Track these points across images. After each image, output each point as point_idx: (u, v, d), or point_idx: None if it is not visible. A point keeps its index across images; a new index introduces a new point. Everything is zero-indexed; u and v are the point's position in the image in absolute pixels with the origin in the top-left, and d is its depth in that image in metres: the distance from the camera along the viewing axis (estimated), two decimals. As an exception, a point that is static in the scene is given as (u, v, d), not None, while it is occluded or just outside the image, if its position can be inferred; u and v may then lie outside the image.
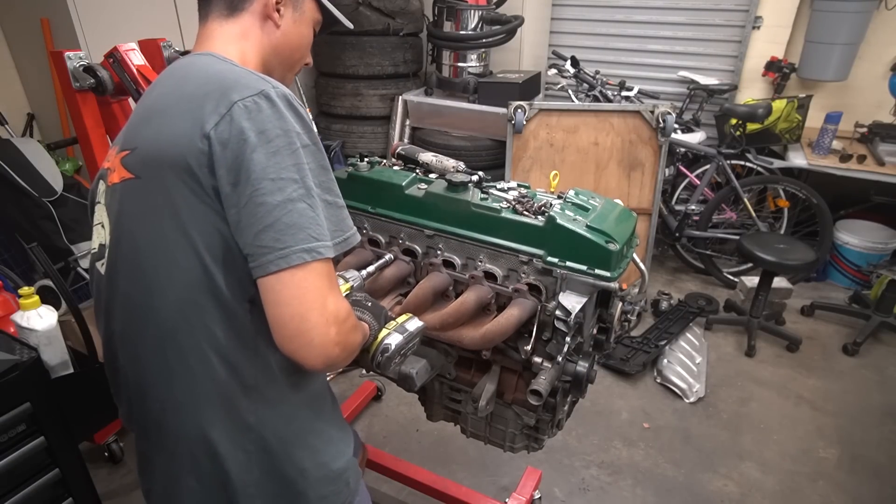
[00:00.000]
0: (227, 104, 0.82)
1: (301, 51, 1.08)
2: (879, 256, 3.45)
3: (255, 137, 0.81)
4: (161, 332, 0.89)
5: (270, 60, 1.03)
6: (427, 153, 1.50)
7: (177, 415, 0.92)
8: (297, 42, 1.05)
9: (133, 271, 0.90)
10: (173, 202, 0.84)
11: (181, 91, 0.89)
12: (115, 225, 0.93)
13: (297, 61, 1.09)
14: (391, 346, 1.06)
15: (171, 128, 0.85)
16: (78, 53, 1.77)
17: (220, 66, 0.91)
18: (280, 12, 1.01)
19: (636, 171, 3.13)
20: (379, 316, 1.09)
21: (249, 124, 0.81)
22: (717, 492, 2.22)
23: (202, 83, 0.87)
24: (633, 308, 3.19)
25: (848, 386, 2.79)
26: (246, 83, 0.85)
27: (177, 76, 0.94)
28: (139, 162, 0.89)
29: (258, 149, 0.80)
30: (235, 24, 0.99)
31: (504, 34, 3.61)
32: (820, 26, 3.39)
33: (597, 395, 2.68)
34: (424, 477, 1.94)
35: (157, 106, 0.90)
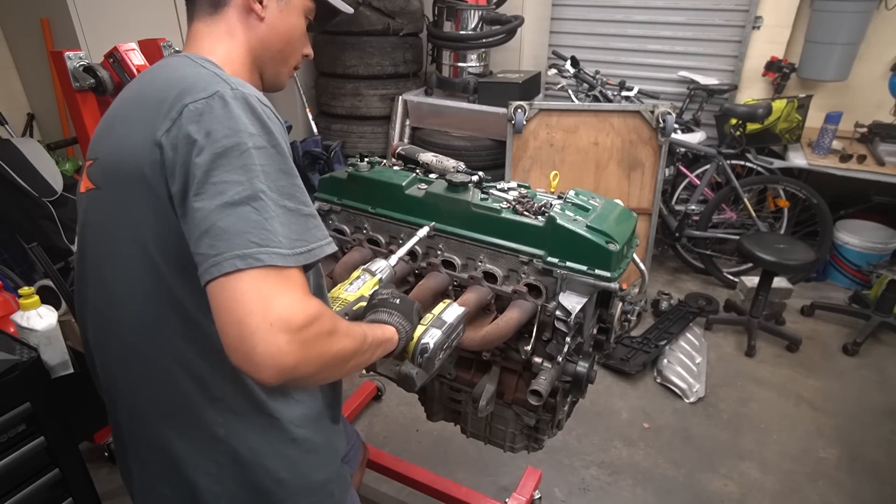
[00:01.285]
0: (179, 108, 0.79)
1: (293, 43, 1.02)
2: (879, 256, 3.45)
3: (202, 139, 0.76)
4: (125, 343, 0.88)
5: (260, 56, 0.99)
6: (427, 153, 1.50)
7: (143, 425, 0.92)
8: (285, 33, 1.00)
9: (97, 283, 0.90)
10: (132, 214, 0.82)
11: (142, 97, 0.86)
12: (81, 235, 0.93)
13: (290, 54, 1.03)
14: (430, 346, 0.99)
15: (129, 137, 0.83)
16: (78, 53, 1.77)
17: (186, 69, 0.87)
18: (263, 3, 0.96)
19: (636, 171, 3.13)
20: (410, 313, 1.00)
21: (197, 127, 0.77)
22: (717, 492, 2.22)
23: (162, 88, 0.84)
24: (633, 308, 3.19)
25: (848, 386, 2.79)
26: (203, 86, 0.81)
27: (144, 80, 0.91)
28: (100, 172, 0.88)
29: (203, 151, 0.76)
30: (220, 21, 0.96)
31: (504, 34, 3.61)
32: (820, 26, 3.39)
33: (597, 395, 2.68)
34: (424, 477, 1.94)
35: (120, 113, 0.89)
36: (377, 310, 1.01)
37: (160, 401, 0.89)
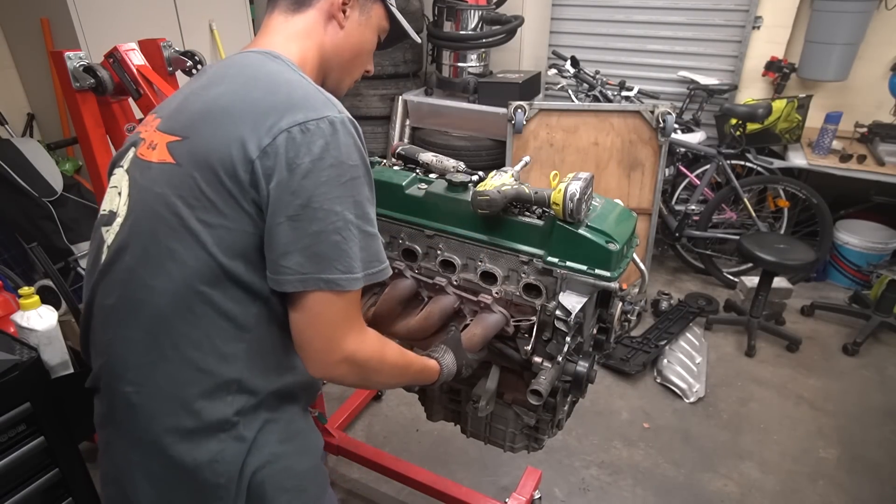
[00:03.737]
0: (289, 122, 0.83)
1: (362, 56, 1.07)
2: (879, 256, 3.45)
3: (308, 163, 0.82)
4: (158, 314, 0.88)
5: (330, 62, 1.02)
6: (427, 153, 1.50)
7: (152, 400, 0.91)
8: (358, 46, 1.05)
9: (146, 251, 0.89)
10: (209, 199, 0.85)
11: (248, 95, 0.88)
12: (140, 202, 0.92)
13: (357, 67, 1.08)
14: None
15: (230, 131, 0.85)
16: (78, 53, 1.77)
17: (290, 75, 0.91)
18: (346, 13, 1.00)
19: (636, 171, 3.13)
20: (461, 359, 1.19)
21: (306, 148, 0.82)
22: (717, 492, 2.22)
23: (270, 91, 0.87)
24: (633, 308, 3.19)
25: (848, 386, 2.79)
26: (313, 104, 0.86)
27: (246, 75, 0.92)
28: (188, 153, 0.88)
29: (309, 175, 0.82)
30: (300, 19, 0.99)
31: (504, 34, 3.61)
32: (820, 26, 3.39)
33: (597, 395, 2.68)
34: (424, 477, 1.94)
35: (221, 103, 0.89)
36: (440, 346, 1.19)
37: (180, 378, 0.89)
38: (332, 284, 0.85)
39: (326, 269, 0.84)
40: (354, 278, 0.86)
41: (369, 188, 0.90)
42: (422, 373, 1.10)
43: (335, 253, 0.85)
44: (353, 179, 0.86)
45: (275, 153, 0.82)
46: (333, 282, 0.85)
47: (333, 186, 0.83)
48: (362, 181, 0.88)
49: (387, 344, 0.99)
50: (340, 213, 0.84)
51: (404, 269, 1.36)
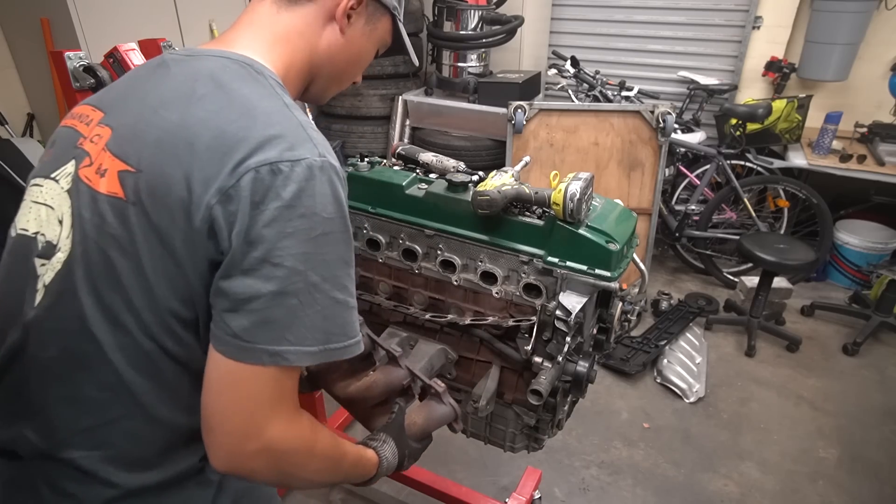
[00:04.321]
0: (259, 161, 0.70)
1: (357, 67, 0.97)
2: (879, 256, 3.45)
3: (273, 209, 0.70)
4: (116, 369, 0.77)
5: (320, 68, 0.91)
6: (427, 153, 1.50)
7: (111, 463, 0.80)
8: (356, 56, 0.94)
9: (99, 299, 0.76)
10: (162, 246, 0.73)
11: (217, 125, 0.74)
12: (91, 240, 0.77)
13: (349, 76, 0.97)
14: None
15: (189, 168, 0.72)
16: (78, 53, 1.77)
17: (270, 102, 0.77)
18: (350, 19, 0.89)
19: (636, 171, 3.13)
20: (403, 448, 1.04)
21: (274, 193, 0.70)
22: (717, 492, 2.22)
23: (243, 123, 0.73)
24: (633, 308, 3.19)
25: (848, 386, 2.79)
26: (291, 143, 0.73)
27: (219, 99, 0.76)
28: (140, 190, 0.74)
29: (272, 224, 0.70)
30: (296, 15, 0.86)
31: (504, 34, 3.61)
32: (820, 26, 3.39)
33: (597, 395, 2.68)
34: (424, 477, 1.94)
35: (184, 133, 0.74)
36: (380, 434, 1.03)
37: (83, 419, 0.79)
38: (277, 358, 0.71)
39: (274, 340, 0.71)
40: (305, 352, 0.73)
41: (346, 247, 0.77)
42: (356, 467, 0.93)
43: (288, 320, 0.71)
44: (326, 235, 0.73)
45: (238, 196, 0.70)
46: (279, 355, 0.71)
47: (300, 241, 0.71)
48: (338, 238, 0.75)
49: (319, 431, 0.82)
50: (303, 274, 0.71)
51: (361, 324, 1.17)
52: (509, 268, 1.31)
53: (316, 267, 0.72)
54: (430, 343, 1.41)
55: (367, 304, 1.51)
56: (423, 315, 1.39)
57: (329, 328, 0.74)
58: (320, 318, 0.73)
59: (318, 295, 0.73)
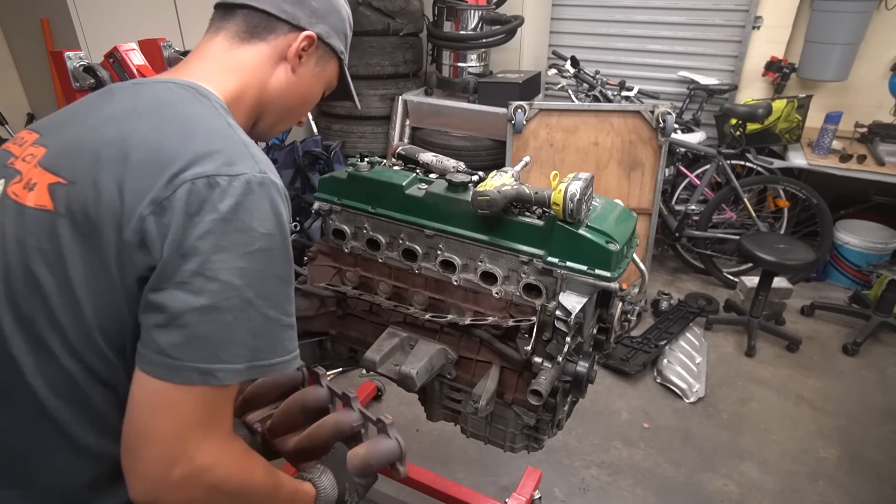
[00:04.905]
0: (195, 174, 0.69)
1: (305, 106, 0.99)
2: (879, 256, 3.45)
3: (209, 222, 0.68)
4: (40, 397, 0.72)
5: (270, 105, 0.92)
6: (427, 153, 1.50)
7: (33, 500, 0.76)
8: (305, 96, 0.97)
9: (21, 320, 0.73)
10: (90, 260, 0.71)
11: (156, 140, 0.73)
12: (13, 256, 0.73)
13: (295, 115, 0.99)
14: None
15: (123, 180, 0.70)
16: (78, 53, 1.77)
17: (213, 121, 0.78)
18: (301, 59, 0.92)
19: (636, 171, 3.13)
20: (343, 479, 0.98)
21: (210, 206, 0.68)
22: (717, 492, 2.22)
23: (183, 138, 0.73)
24: (633, 308, 3.19)
25: (848, 386, 2.79)
26: (230, 157, 0.72)
27: (161, 116, 0.76)
28: (72, 201, 0.71)
29: (207, 237, 0.68)
30: (248, 52, 0.88)
31: (504, 34, 3.61)
32: (820, 26, 3.39)
33: (597, 395, 2.68)
34: (424, 477, 1.94)
35: (122, 146, 0.73)
36: (317, 465, 0.99)
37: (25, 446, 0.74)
38: (208, 377, 0.68)
39: (205, 358, 0.68)
40: (233, 370, 0.70)
41: (284, 265, 0.75)
42: (293, 500, 0.88)
43: (221, 337, 0.68)
44: (264, 252, 0.71)
45: (172, 207, 0.68)
46: (210, 374, 0.68)
47: (236, 255, 0.69)
48: (276, 255, 0.73)
49: (254, 460, 0.78)
50: (238, 289, 0.69)
51: (322, 375, 1.15)
52: (509, 268, 1.31)
53: (252, 283, 0.70)
54: (430, 343, 1.41)
55: (367, 304, 1.51)
56: (423, 315, 1.39)
57: (257, 345, 0.72)
58: (250, 336, 0.71)
59: (252, 312, 0.70)
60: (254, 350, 0.72)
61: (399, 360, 1.37)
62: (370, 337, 1.47)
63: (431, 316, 1.38)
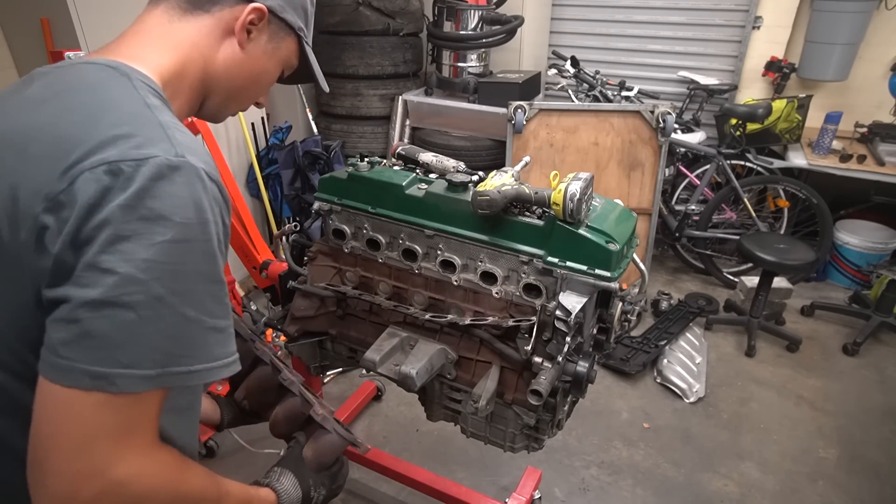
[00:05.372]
0: (96, 162, 0.62)
1: (258, 86, 0.90)
2: (879, 256, 3.45)
3: (108, 211, 0.60)
4: None
5: (216, 83, 0.84)
6: (427, 153, 1.50)
7: None
8: (257, 75, 0.88)
9: None
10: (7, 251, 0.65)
11: (59, 127, 0.66)
12: None
13: (248, 97, 0.90)
14: None
15: (20, 174, 0.64)
16: (78, 53, 1.77)
17: (131, 104, 0.69)
18: (251, 34, 0.83)
19: (636, 171, 3.13)
20: (304, 477, 0.96)
21: (112, 195, 0.61)
22: (717, 492, 2.22)
23: (88, 123, 0.66)
24: (633, 308, 3.19)
25: (848, 386, 2.79)
26: (139, 141, 0.64)
27: (74, 100, 0.69)
28: None
29: (106, 226, 0.60)
30: (190, 25, 0.80)
31: (504, 34, 3.61)
32: (820, 26, 3.39)
33: (597, 395, 2.68)
34: (424, 477, 1.94)
35: (22, 136, 0.67)
36: (274, 469, 0.96)
37: None
38: (101, 382, 0.59)
39: (99, 360, 0.59)
40: (139, 377, 0.61)
41: (206, 259, 0.66)
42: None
43: (121, 337, 0.60)
44: (179, 243, 0.62)
45: (70, 202, 0.61)
46: (105, 378, 0.59)
47: (141, 246, 0.60)
48: (195, 249, 0.64)
49: (188, 469, 0.70)
50: (144, 284, 0.60)
51: (282, 360, 1.14)
52: (509, 268, 1.31)
53: (162, 278, 0.61)
54: (430, 343, 1.41)
55: (367, 304, 1.51)
56: (423, 315, 1.39)
57: (172, 349, 0.63)
58: (163, 338, 0.62)
59: (164, 310, 0.62)
60: (168, 354, 0.63)
61: (399, 360, 1.37)
62: (370, 337, 1.47)
63: (431, 316, 1.38)
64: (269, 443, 1.92)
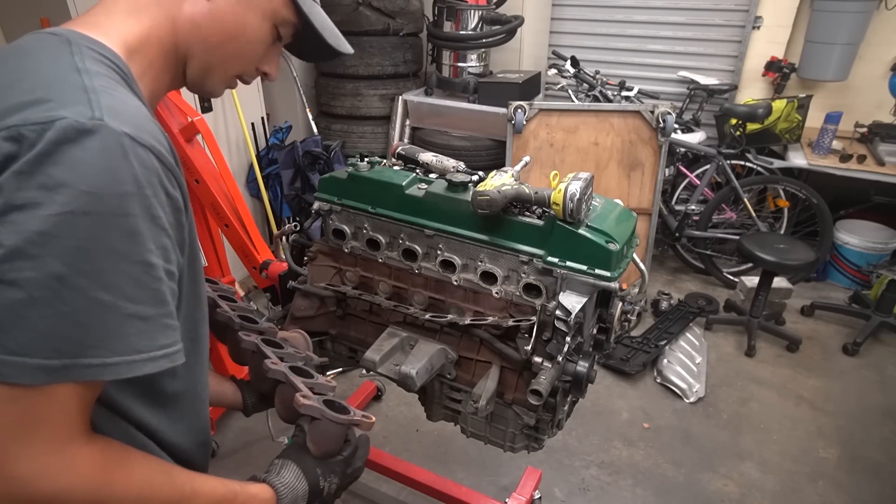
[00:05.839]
0: (2, 126, 0.57)
1: (241, 43, 0.78)
2: (879, 256, 3.45)
3: (3, 178, 0.55)
4: None
5: (187, 43, 0.75)
6: (427, 153, 1.50)
7: None
8: (232, 29, 0.76)
9: None
10: None
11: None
12: None
13: (234, 57, 0.79)
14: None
15: None
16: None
17: (50, 69, 0.63)
18: None
19: (636, 171, 3.13)
20: (312, 468, 0.89)
21: (10, 162, 0.55)
22: (717, 492, 2.22)
23: (7, 84, 0.62)
24: (633, 308, 3.19)
25: (848, 386, 2.79)
26: (52, 105, 0.58)
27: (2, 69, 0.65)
28: None
29: (0, 195, 0.55)
30: None
31: (504, 34, 3.61)
32: (820, 26, 3.39)
33: (597, 395, 2.68)
34: (424, 477, 1.94)
35: None
36: (274, 462, 0.89)
37: None
38: None
39: None
40: (36, 366, 0.54)
41: (124, 236, 0.58)
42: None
43: (6, 319, 0.54)
44: (84, 215, 0.55)
45: None
46: None
47: (35, 217, 0.54)
48: (106, 222, 0.56)
49: (121, 470, 0.63)
50: (36, 260, 0.54)
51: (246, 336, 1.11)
52: (509, 268, 1.31)
53: (62, 254, 0.54)
54: (430, 343, 1.41)
55: (368, 304, 1.51)
56: (423, 315, 1.39)
57: (83, 338, 0.56)
58: (69, 324, 0.55)
59: (67, 292, 0.55)
60: (75, 343, 0.56)
61: (399, 360, 1.37)
62: (370, 337, 1.47)
63: (431, 316, 1.38)
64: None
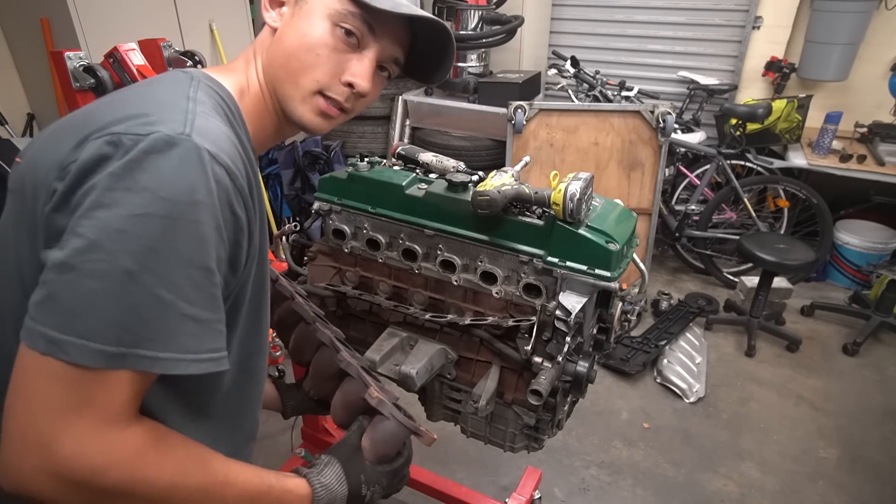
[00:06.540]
0: (102, 133, 0.63)
1: (303, 53, 0.78)
2: (879, 256, 3.45)
3: (96, 179, 0.60)
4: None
5: (272, 75, 0.81)
6: (427, 153, 1.50)
7: None
8: (291, 43, 0.79)
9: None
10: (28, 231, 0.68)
11: (95, 111, 0.70)
12: None
13: (302, 70, 0.79)
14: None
15: (51, 152, 0.67)
16: (78, 53, 1.77)
17: (166, 93, 0.70)
18: (281, 12, 0.81)
19: (636, 171, 3.13)
20: (357, 472, 0.87)
21: (106, 164, 0.61)
22: (717, 492, 2.22)
23: (119, 106, 0.68)
24: (633, 308, 3.19)
25: (848, 386, 2.79)
26: (151, 119, 0.64)
27: (116, 97, 0.74)
28: (23, 177, 0.70)
29: (91, 192, 0.60)
30: (261, 34, 0.84)
31: (504, 34, 3.61)
32: (820, 26, 3.39)
33: (597, 395, 2.68)
34: (424, 477, 1.94)
35: (66, 125, 0.71)
36: (321, 457, 0.87)
37: None
38: (53, 348, 0.57)
39: (58, 325, 0.57)
40: (96, 351, 0.58)
41: (190, 243, 0.62)
42: (256, 501, 0.73)
43: (79, 304, 0.58)
44: (159, 219, 0.59)
45: (72, 169, 0.62)
46: (57, 344, 0.57)
47: (117, 216, 0.58)
48: (178, 228, 0.61)
49: (158, 454, 0.64)
50: (112, 254, 0.58)
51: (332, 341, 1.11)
52: (509, 268, 1.31)
53: (134, 252, 0.58)
54: (430, 343, 1.41)
55: (367, 304, 1.51)
56: (423, 315, 1.39)
57: (142, 330, 0.60)
58: (131, 316, 0.59)
59: (133, 286, 0.59)
60: (134, 334, 0.59)
61: (399, 360, 1.37)
62: (370, 337, 1.47)
63: (431, 316, 1.38)
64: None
